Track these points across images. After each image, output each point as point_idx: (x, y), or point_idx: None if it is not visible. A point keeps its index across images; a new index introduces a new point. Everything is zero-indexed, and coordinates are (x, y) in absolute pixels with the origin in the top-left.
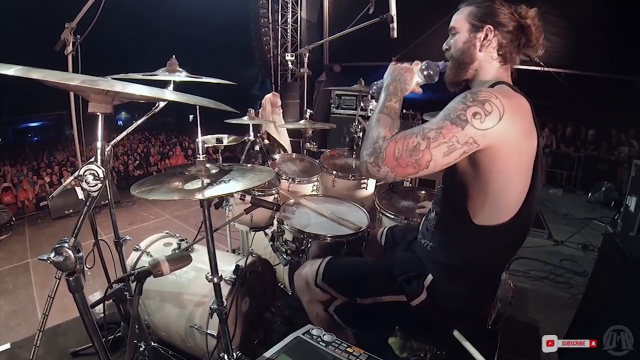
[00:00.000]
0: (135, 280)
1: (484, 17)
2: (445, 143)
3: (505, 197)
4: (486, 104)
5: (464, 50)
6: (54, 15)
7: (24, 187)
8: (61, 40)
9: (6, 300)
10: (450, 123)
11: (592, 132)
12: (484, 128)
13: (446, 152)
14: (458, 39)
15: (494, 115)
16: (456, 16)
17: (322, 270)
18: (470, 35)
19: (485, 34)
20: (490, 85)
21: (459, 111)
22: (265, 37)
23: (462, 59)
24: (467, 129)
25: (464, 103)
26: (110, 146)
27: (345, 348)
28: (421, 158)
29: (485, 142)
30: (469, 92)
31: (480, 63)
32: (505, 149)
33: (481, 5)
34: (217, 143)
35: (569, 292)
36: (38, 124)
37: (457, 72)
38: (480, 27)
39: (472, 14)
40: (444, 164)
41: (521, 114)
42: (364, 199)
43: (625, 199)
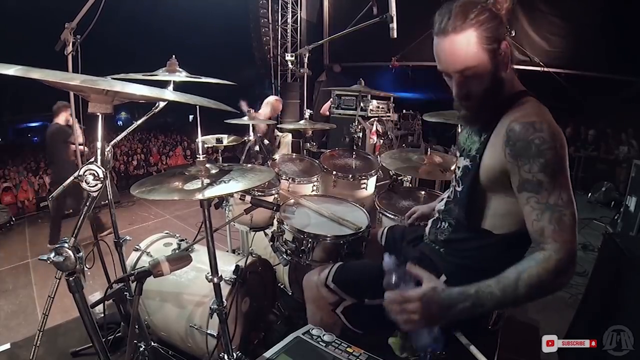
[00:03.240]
0: (135, 280)
1: (495, 34)
2: (571, 186)
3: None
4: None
5: (493, 82)
6: (54, 15)
7: (23, 187)
8: (61, 40)
9: (6, 300)
10: (560, 174)
11: (592, 132)
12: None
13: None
14: (482, 75)
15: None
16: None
17: (333, 273)
18: (493, 63)
19: (505, 52)
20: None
21: (555, 157)
22: (265, 37)
23: (494, 92)
24: (566, 165)
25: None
26: (110, 146)
27: (345, 348)
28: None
29: None
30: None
31: (506, 82)
32: None
33: (483, 21)
34: (217, 143)
35: (569, 292)
36: (38, 124)
37: (487, 107)
38: (498, 47)
39: (483, 38)
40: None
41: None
42: (364, 199)
43: (625, 199)
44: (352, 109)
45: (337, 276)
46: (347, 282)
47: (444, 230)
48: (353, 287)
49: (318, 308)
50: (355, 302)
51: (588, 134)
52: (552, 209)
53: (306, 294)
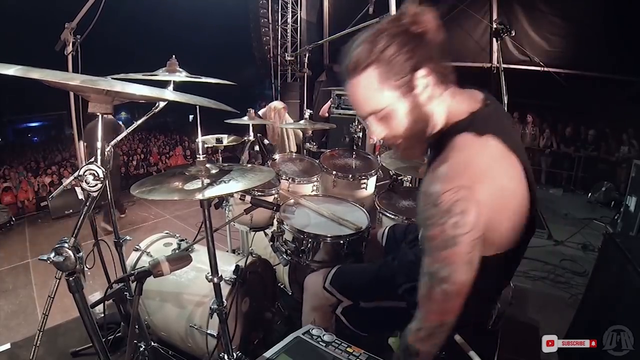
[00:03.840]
0: (135, 281)
1: (406, 65)
2: (462, 265)
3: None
4: (454, 206)
5: (414, 120)
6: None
7: (23, 188)
8: (61, 40)
9: (6, 300)
10: (444, 251)
11: (592, 132)
12: (472, 224)
13: (469, 268)
14: (397, 115)
15: (469, 207)
16: (362, 97)
17: (332, 276)
18: (408, 99)
19: (424, 83)
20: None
21: (441, 235)
22: (265, 37)
23: (417, 129)
24: (462, 241)
25: (436, 224)
26: (110, 146)
27: (345, 348)
28: (459, 291)
29: (484, 226)
30: (428, 206)
31: (434, 114)
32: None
33: (388, 55)
34: (217, 143)
35: (569, 292)
36: (38, 124)
37: (415, 146)
38: (411, 81)
39: (386, 75)
40: (473, 277)
41: (495, 164)
42: (364, 199)
43: (625, 199)
44: (352, 109)
45: (334, 279)
46: (344, 284)
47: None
48: (349, 290)
49: (314, 309)
50: (352, 303)
51: (588, 134)
52: (429, 276)
53: (305, 296)
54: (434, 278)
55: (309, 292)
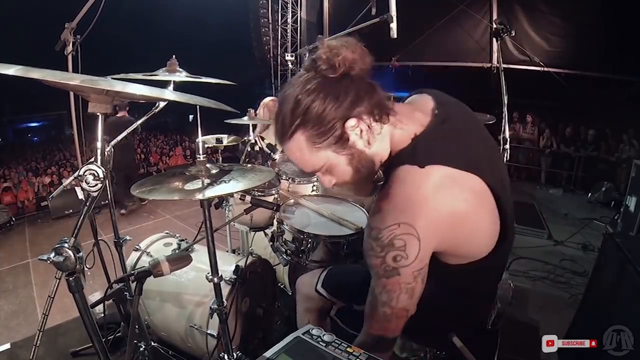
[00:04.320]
0: (135, 280)
1: (332, 122)
2: (401, 293)
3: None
4: (394, 240)
5: (357, 168)
6: (54, 15)
7: (23, 188)
8: (61, 40)
9: (6, 300)
10: (385, 279)
11: (592, 132)
12: (414, 257)
13: (409, 296)
14: (338, 167)
15: (409, 241)
16: (298, 161)
17: (323, 277)
18: (344, 152)
19: (359, 130)
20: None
21: (382, 265)
22: (265, 37)
23: (363, 173)
24: (402, 272)
25: (376, 256)
26: (110, 146)
27: (345, 348)
28: (398, 314)
29: (428, 258)
30: (370, 239)
31: (377, 154)
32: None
33: (312, 114)
34: (217, 143)
35: (569, 292)
36: (38, 124)
37: (369, 186)
38: (342, 135)
39: (314, 136)
40: (416, 302)
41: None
42: (364, 198)
43: (625, 199)
44: None
45: (326, 281)
46: (336, 287)
47: None
48: (341, 292)
49: (307, 311)
50: (345, 305)
51: (588, 134)
52: (372, 295)
53: (298, 297)
54: (375, 300)
55: (301, 294)
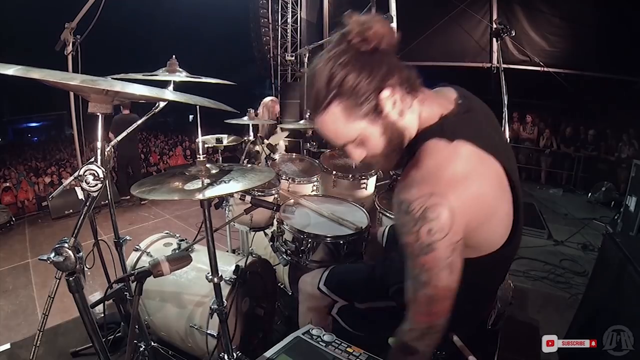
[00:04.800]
0: (135, 280)
1: (369, 90)
2: (441, 270)
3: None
4: (426, 212)
5: (389, 139)
6: (54, 15)
7: (23, 188)
8: (61, 40)
9: (6, 300)
10: (423, 256)
11: (592, 132)
12: (448, 229)
13: (450, 272)
14: (372, 139)
15: (442, 212)
16: (331, 133)
17: (326, 276)
18: (379, 122)
19: (392, 101)
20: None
21: (417, 242)
22: (265, 37)
23: (395, 145)
24: (438, 246)
25: (410, 232)
26: (110, 146)
27: (345, 348)
28: (443, 294)
29: (462, 230)
30: (401, 214)
31: (408, 127)
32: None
33: (347, 86)
34: (217, 143)
35: (569, 292)
36: (38, 124)
37: (396, 158)
38: (377, 105)
39: (350, 108)
40: (457, 278)
41: (470, 168)
42: (364, 199)
43: (625, 199)
44: None
45: (328, 279)
46: (338, 284)
47: None
48: (343, 290)
49: (310, 310)
50: (347, 303)
51: (588, 134)
52: (412, 280)
53: (301, 297)
54: (416, 282)
55: (303, 293)
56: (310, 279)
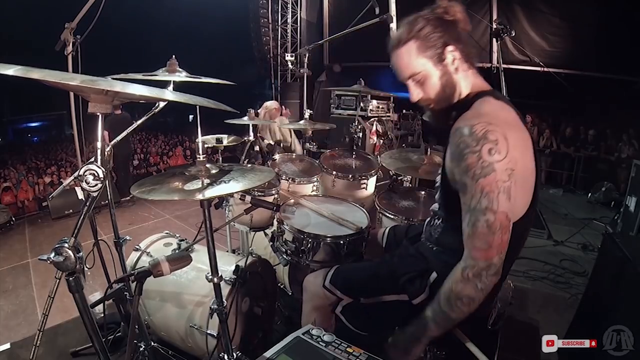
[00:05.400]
0: (135, 280)
1: (438, 41)
2: (500, 193)
3: (519, 200)
4: (487, 134)
5: (444, 85)
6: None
7: (23, 188)
8: (61, 40)
9: (6, 300)
10: (482, 178)
11: (592, 132)
12: (506, 152)
13: (508, 196)
14: (431, 80)
15: (500, 138)
16: (404, 62)
17: (332, 274)
18: (440, 68)
19: (452, 56)
20: (470, 100)
21: (478, 161)
22: (265, 37)
23: (447, 94)
24: (498, 168)
25: (472, 151)
26: (110, 146)
27: (345, 348)
28: (501, 223)
29: (516, 162)
30: (463, 136)
31: (459, 83)
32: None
33: (424, 33)
34: (217, 143)
35: (569, 292)
36: (38, 124)
37: (445, 109)
38: (442, 53)
39: (423, 46)
40: (513, 208)
41: (515, 124)
42: (364, 199)
43: (625, 199)
44: (352, 109)
45: (334, 277)
46: (345, 281)
47: (437, 227)
48: (350, 286)
49: (314, 309)
50: (352, 301)
51: (588, 134)
52: (471, 213)
53: (305, 296)
54: (475, 211)
55: (308, 292)
56: (314, 278)
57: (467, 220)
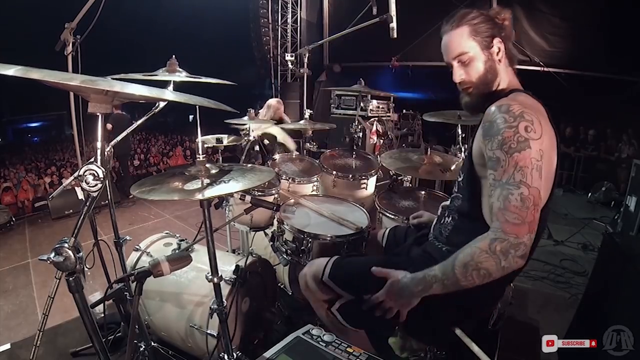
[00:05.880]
0: (135, 281)
1: (488, 31)
2: (534, 169)
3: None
4: (524, 114)
5: (487, 70)
6: (54, 15)
7: (23, 188)
8: (61, 41)
9: (6, 300)
10: (517, 153)
11: (592, 132)
12: (541, 133)
13: (539, 174)
14: (476, 63)
15: (535, 120)
16: (455, 42)
17: (330, 268)
18: (486, 53)
19: (498, 47)
20: (506, 93)
21: (515, 135)
22: (265, 37)
23: (488, 79)
24: (533, 146)
25: (509, 126)
26: (110, 146)
27: (345, 348)
28: (534, 199)
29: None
30: (500, 113)
31: (499, 73)
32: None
33: (476, 22)
34: (217, 143)
35: (569, 292)
36: (38, 124)
37: (484, 94)
38: (490, 42)
39: (474, 32)
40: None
41: (545, 115)
42: (364, 199)
43: (625, 199)
44: (352, 109)
45: (333, 271)
46: (345, 277)
47: (447, 224)
48: (351, 283)
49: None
50: (353, 298)
51: (588, 134)
52: (502, 187)
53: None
54: (508, 184)
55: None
56: (309, 271)
57: (497, 195)
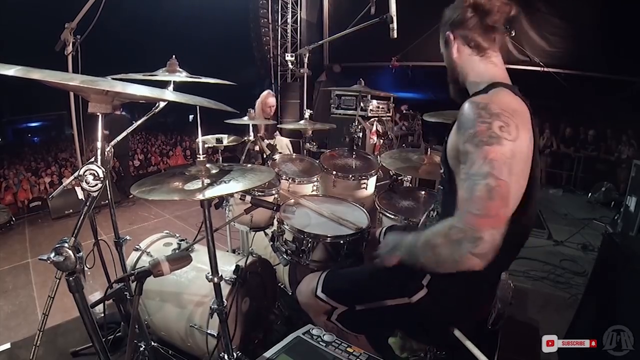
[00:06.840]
0: (135, 280)
1: (445, 26)
2: (503, 164)
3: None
4: (500, 115)
5: (448, 65)
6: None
7: (23, 187)
8: (61, 41)
9: (6, 300)
10: (488, 146)
11: (592, 132)
12: (515, 136)
13: (509, 170)
14: (445, 59)
15: (511, 122)
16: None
17: (322, 282)
18: (447, 49)
19: (451, 41)
20: (485, 88)
21: (487, 131)
22: (265, 37)
23: (452, 74)
24: (505, 144)
25: (483, 121)
26: (110, 146)
27: (345, 348)
28: (502, 191)
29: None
30: (477, 109)
31: (461, 66)
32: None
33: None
34: (217, 143)
35: (569, 292)
36: (38, 124)
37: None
38: (445, 39)
39: (441, 30)
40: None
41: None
42: (364, 199)
43: (625, 199)
44: (352, 109)
45: (325, 285)
46: (337, 290)
47: (433, 219)
48: (343, 295)
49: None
50: (347, 309)
51: (588, 134)
52: (470, 178)
53: (301, 305)
54: (475, 176)
55: (303, 304)
56: (304, 287)
57: (465, 187)
